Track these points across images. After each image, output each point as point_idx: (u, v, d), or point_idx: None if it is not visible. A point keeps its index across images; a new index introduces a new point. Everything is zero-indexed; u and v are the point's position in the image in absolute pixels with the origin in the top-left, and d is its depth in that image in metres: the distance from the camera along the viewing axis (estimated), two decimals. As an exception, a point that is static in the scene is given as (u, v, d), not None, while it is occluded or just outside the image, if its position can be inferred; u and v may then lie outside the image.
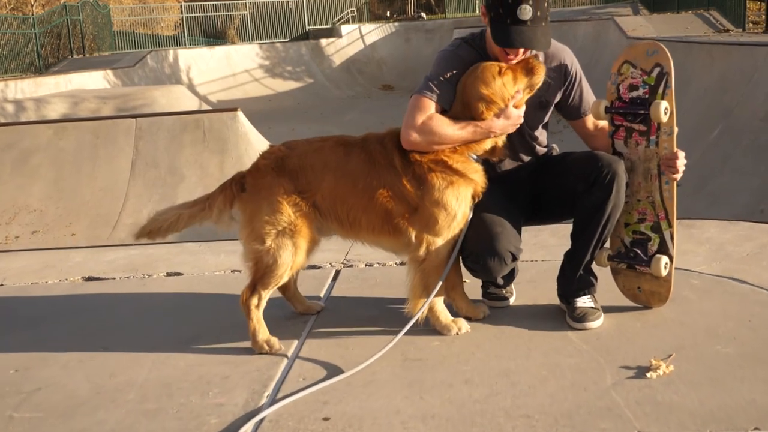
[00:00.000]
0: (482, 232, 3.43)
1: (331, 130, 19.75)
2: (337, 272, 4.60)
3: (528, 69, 3.39)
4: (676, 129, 3.39)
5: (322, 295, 4.19)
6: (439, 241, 3.40)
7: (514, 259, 3.47)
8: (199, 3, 33.59)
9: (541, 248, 4.72)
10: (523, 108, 3.45)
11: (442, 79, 3.46)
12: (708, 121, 11.03)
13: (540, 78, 3.40)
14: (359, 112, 22.91)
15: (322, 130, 20.11)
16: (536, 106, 3.62)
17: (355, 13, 34.16)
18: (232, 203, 3.54)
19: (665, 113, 3.34)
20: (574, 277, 3.59)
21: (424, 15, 34.70)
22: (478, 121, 3.36)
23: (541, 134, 3.75)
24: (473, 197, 3.44)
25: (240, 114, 9.77)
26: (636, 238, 3.57)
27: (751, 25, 20.91)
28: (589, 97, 3.69)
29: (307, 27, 32.78)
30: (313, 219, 3.47)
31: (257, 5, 33.20)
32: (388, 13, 36.67)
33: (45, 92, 18.16)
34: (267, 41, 31.01)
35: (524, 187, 3.71)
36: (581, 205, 3.49)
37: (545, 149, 3.79)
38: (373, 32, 30.76)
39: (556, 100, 3.67)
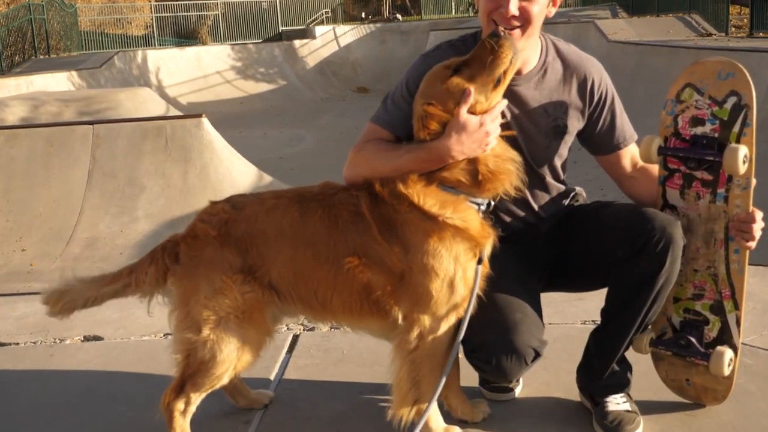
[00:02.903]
0: (494, 319, 2.55)
1: (305, 135, 19.20)
2: (295, 338, 3.70)
3: (486, 54, 2.40)
4: (753, 181, 2.51)
5: (272, 377, 3.28)
6: (438, 325, 2.49)
7: (537, 356, 2.60)
8: (170, 3, 32.70)
9: (547, 305, 3.76)
10: (493, 115, 2.43)
11: (398, 99, 2.66)
12: (702, 132, 10.27)
13: (505, 58, 2.38)
14: (333, 115, 22.24)
15: (295, 135, 19.46)
16: (549, 133, 2.72)
17: (330, 14, 33.55)
18: (165, 278, 2.67)
19: (744, 162, 2.45)
20: (605, 372, 2.71)
21: (399, 16, 34.39)
22: (424, 143, 2.46)
23: (553, 168, 2.83)
24: (475, 254, 2.49)
25: (205, 121, 9.17)
26: (688, 319, 2.69)
27: (733, 29, 20.50)
28: (624, 125, 2.79)
29: (281, 28, 32.13)
30: (267, 303, 2.58)
31: (229, 5, 32.48)
32: (363, 15, 36.22)
33: (5, 94, 17.30)
34: (239, 42, 30.28)
35: (543, 247, 2.83)
36: (621, 277, 2.61)
37: (562, 186, 2.87)
38: (348, 33, 30.18)
39: (579, 127, 2.76)
